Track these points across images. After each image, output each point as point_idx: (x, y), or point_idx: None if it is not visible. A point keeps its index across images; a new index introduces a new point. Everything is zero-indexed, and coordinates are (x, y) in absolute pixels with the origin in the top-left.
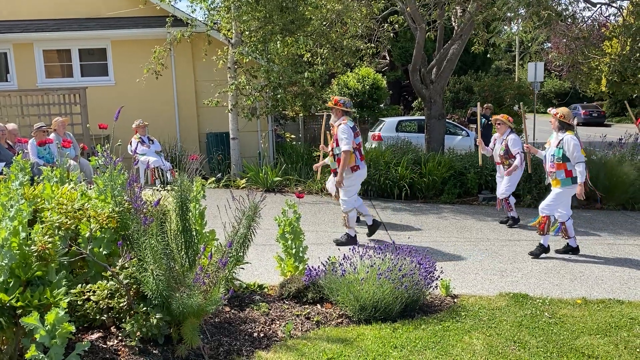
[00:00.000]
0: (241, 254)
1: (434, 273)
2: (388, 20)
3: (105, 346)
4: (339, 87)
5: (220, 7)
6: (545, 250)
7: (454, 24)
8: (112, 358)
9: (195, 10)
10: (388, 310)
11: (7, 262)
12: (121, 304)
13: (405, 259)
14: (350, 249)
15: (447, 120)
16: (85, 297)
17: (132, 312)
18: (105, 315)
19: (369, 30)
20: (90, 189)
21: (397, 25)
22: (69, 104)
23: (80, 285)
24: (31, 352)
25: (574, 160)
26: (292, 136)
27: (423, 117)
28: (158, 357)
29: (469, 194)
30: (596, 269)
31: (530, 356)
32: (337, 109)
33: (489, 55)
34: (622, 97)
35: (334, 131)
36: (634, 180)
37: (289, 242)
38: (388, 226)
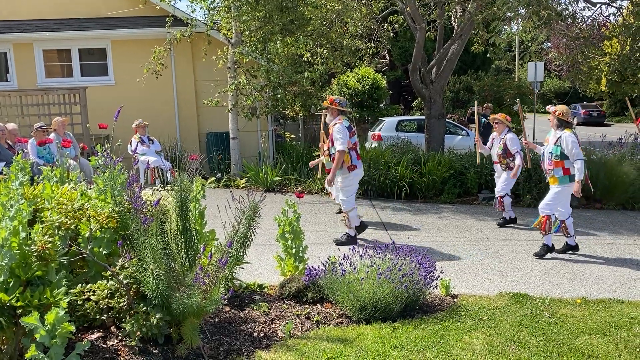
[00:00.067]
0: (241, 254)
1: (433, 273)
2: (388, 20)
3: (105, 346)
4: (338, 86)
5: (220, 7)
6: (549, 250)
7: (453, 23)
8: (112, 358)
9: (195, 10)
10: (388, 310)
11: (7, 261)
12: (121, 304)
13: (405, 258)
14: (350, 249)
15: (447, 120)
16: (85, 297)
17: (132, 311)
18: (105, 315)
19: (368, 30)
20: (90, 188)
21: (397, 25)
22: (69, 104)
23: (80, 285)
24: (31, 352)
25: (572, 157)
26: (292, 136)
27: (423, 117)
28: (158, 357)
29: (468, 193)
30: (596, 269)
31: (530, 356)
32: (333, 109)
33: (488, 55)
34: (622, 97)
35: (330, 131)
36: (633, 180)
37: (289, 241)
38: (388, 226)
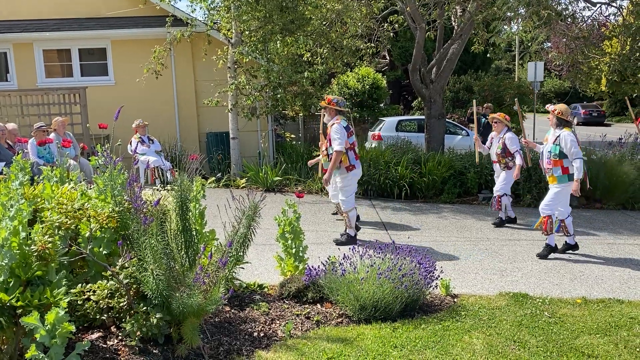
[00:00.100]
0: (241, 254)
1: (433, 273)
2: (388, 19)
3: (105, 346)
4: (338, 86)
5: (220, 6)
6: (553, 250)
7: (453, 23)
8: (112, 358)
9: (195, 10)
10: (388, 310)
11: (7, 261)
12: (121, 304)
13: (405, 258)
14: (350, 249)
15: (447, 119)
16: (85, 296)
17: (132, 311)
18: (105, 315)
19: (368, 29)
20: (90, 188)
21: (397, 25)
22: (69, 104)
23: (80, 285)
24: (31, 352)
25: (571, 156)
26: (292, 136)
27: (423, 117)
28: (158, 357)
29: (468, 193)
30: (596, 269)
31: (530, 356)
32: (331, 109)
33: (488, 55)
34: (622, 97)
35: (328, 131)
36: (633, 180)
37: (289, 241)
38: (388, 226)
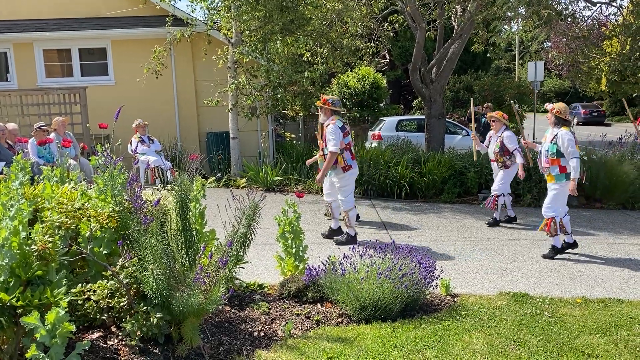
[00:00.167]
0: (241, 254)
1: (434, 272)
2: (388, 19)
3: (105, 345)
4: (339, 86)
5: (220, 6)
6: (558, 252)
7: (454, 23)
8: (113, 357)
9: (195, 9)
10: (388, 310)
11: (8, 261)
12: (121, 304)
13: (405, 258)
14: (350, 249)
15: (447, 119)
16: (86, 296)
17: (132, 311)
18: (106, 315)
19: (369, 29)
20: (90, 188)
21: (397, 25)
22: (69, 104)
23: (80, 284)
24: (31, 352)
25: (568, 155)
26: (292, 135)
27: (423, 117)
28: (158, 357)
29: (469, 193)
30: (596, 268)
31: (530, 355)
32: (326, 109)
33: (489, 55)
34: (622, 97)
35: (324, 131)
36: (634, 180)
37: (289, 241)
38: (388, 225)
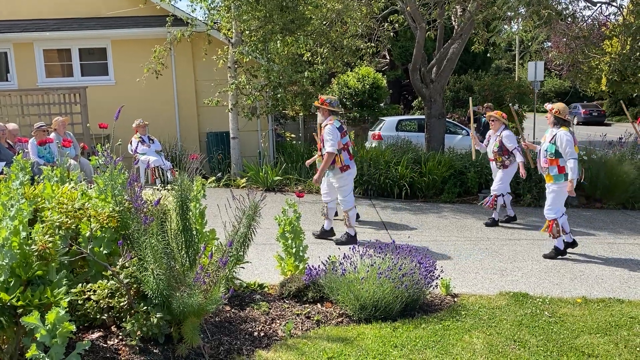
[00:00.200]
0: (241, 253)
1: (434, 272)
2: (388, 19)
3: (105, 345)
4: (339, 86)
5: (220, 6)
6: (560, 253)
7: (454, 23)
8: (113, 357)
9: (196, 9)
10: (388, 310)
11: (8, 261)
12: (121, 304)
13: (405, 258)
14: (350, 248)
15: (447, 119)
16: (86, 296)
17: (132, 311)
18: (106, 315)
19: (369, 29)
20: (90, 188)
21: (397, 25)
22: (69, 104)
23: (80, 284)
24: (32, 352)
25: (565, 156)
26: (292, 135)
27: (423, 117)
28: (158, 356)
29: (469, 193)
30: (596, 268)
31: (531, 355)
32: (324, 109)
33: (489, 55)
34: (622, 97)
35: (322, 131)
36: (634, 179)
37: (289, 241)
38: (388, 225)
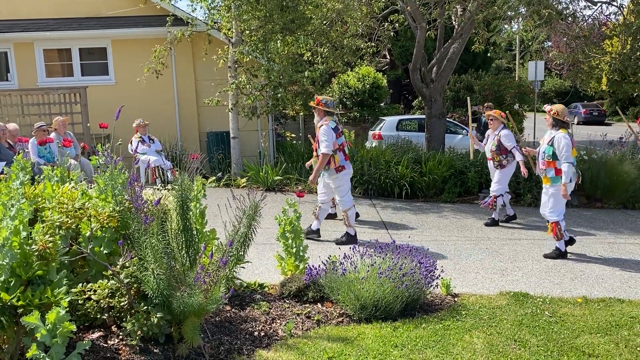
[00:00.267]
0: (242, 253)
1: (434, 272)
2: (388, 19)
3: (106, 345)
4: (339, 86)
5: (220, 6)
6: (561, 255)
7: (454, 22)
8: (113, 357)
9: (196, 9)
10: (389, 309)
11: (8, 261)
12: (122, 303)
13: (405, 258)
14: (350, 248)
15: (447, 119)
16: (86, 296)
17: (132, 311)
18: (106, 315)
19: (369, 29)
20: (90, 188)
21: (397, 24)
22: (70, 103)
23: (81, 284)
24: (32, 351)
25: (562, 159)
26: (293, 135)
27: (423, 116)
28: (159, 356)
29: (469, 192)
30: (597, 268)
31: (531, 355)
32: (319, 109)
33: (489, 54)
34: (622, 96)
35: (317, 132)
36: (634, 179)
37: (290, 241)
38: (388, 225)
